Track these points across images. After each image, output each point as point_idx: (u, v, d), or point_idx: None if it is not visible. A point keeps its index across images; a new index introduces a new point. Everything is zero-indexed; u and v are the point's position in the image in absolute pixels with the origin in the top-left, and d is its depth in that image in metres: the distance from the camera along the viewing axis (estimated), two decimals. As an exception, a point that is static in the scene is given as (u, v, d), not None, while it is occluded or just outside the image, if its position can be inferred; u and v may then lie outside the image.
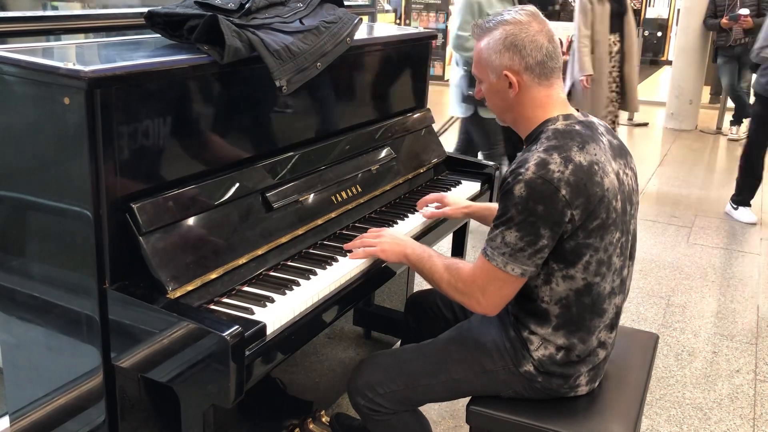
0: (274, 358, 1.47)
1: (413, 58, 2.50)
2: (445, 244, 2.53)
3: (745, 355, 3.07)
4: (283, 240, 1.73)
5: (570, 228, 1.51)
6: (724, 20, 6.89)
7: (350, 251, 1.78)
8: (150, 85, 1.45)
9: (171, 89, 1.51)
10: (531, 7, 1.62)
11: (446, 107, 9.62)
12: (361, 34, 2.06)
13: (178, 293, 1.43)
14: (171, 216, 1.48)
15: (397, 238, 1.80)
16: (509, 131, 3.58)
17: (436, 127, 2.57)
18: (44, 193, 1.46)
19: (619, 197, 1.57)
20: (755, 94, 4.80)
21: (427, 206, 2.12)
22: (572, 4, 10.98)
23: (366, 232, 1.88)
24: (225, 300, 1.53)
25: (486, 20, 1.62)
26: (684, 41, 7.66)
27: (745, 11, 6.66)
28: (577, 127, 1.57)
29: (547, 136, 1.55)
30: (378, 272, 1.82)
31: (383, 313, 2.70)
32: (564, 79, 4.63)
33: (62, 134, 1.38)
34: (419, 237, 2.04)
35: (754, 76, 7.29)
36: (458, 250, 2.54)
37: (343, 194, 1.97)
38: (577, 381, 1.68)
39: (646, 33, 7.95)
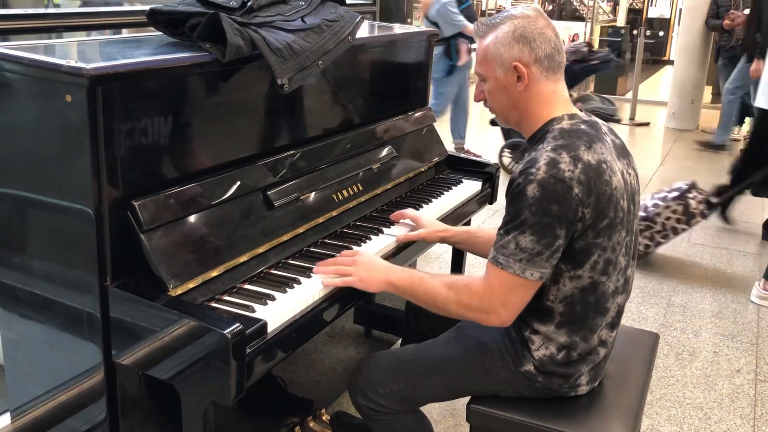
0: (274, 356, 1.47)
1: (415, 56, 2.50)
2: (445, 246, 2.52)
3: (745, 355, 3.07)
4: (284, 238, 1.74)
5: (581, 227, 1.50)
6: (726, 21, 6.88)
7: (321, 273, 1.67)
8: (152, 83, 1.45)
9: (173, 87, 1.51)
10: (535, 5, 1.63)
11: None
12: (362, 32, 2.06)
13: (179, 291, 1.44)
14: (172, 213, 1.48)
15: (373, 263, 1.68)
16: None
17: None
18: (46, 190, 1.46)
19: (625, 196, 1.57)
20: None
21: (403, 226, 2.02)
22: (573, 3, 10.99)
23: (368, 231, 1.87)
24: (226, 298, 1.53)
25: (491, 18, 1.63)
26: (686, 41, 7.66)
27: (747, 12, 6.66)
28: (583, 127, 1.57)
29: (553, 135, 1.55)
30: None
31: (383, 312, 2.71)
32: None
33: (64, 131, 1.38)
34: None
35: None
36: (458, 254, 2.53)
37: (344, 193, 1.97)
38: (577, 381, 1.68)
39: (648, 32, 7.98)
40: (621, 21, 11.16)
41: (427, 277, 1.65)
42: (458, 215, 2.28)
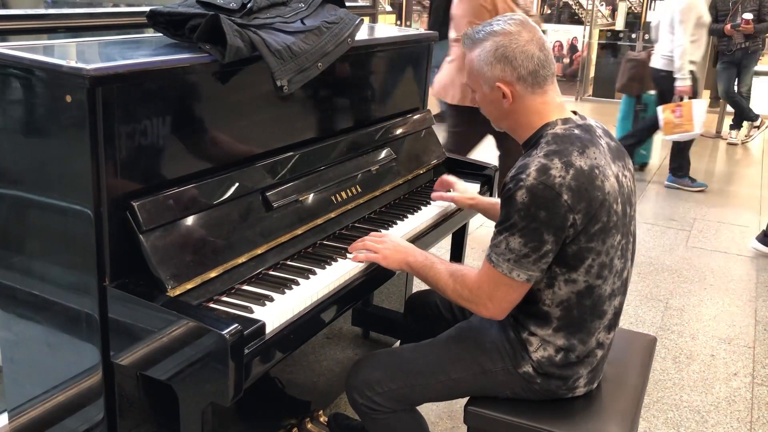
0: (272, 357, 1.47)
1: (414, 59, 2.50)
2: (445, 244, 2.53)
3: (742, 358, 3.08)
4: (283, 239, 1.74)
5: (572, 232, 1.51)
6: (727, 27, 6.89)
7: (352, 253, 1.79)
8: (151, 84, 1.45)
9: (172, 88, 1.51)
10: (520, 16, 1.62)
11: (446, 109, 9.46)
12: (362, 34, 2.06)
13: (177, 291, 1.44)
14: (171, 214, 1.49)
15: (399, 245, 1.79)
16: None
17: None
18: (45, 190, 1.46)
19: (619, 200, 1.57)
20: None
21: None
22: (573, 7, 11.01)
23: (367, 233, 1.88)
24: (224, 298, 1.53)
25: (475, 30, 1.62)
26: (684, 45, 7.65)
27: (748, 16, 6.67)
28: (577, 131, 1.58)
29: (546, 140, 1.56)
30: (377, 273, 1.82)
31: (382, 314, 2.71)
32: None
33: (63, 132, 1.38)
34: (419, 237, 2.05)
35: (754, 80, 7.34)
36: (457, 250, 2.55)
37: (343, 194, 1.97)
38: (575, 383, 1.68)
39: (647, 36, 8.06)
40: (620, 25, 11.17)
41: (438, 263, 1.72)
42: (457, 216, 2.29)
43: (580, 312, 1.61)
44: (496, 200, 2.13)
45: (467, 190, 2.21)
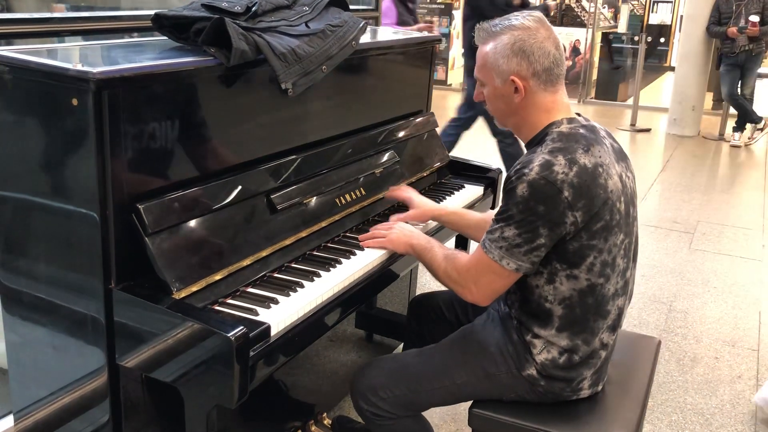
0: (277, 360, 1.47)
1: (417, 62, 2.51)
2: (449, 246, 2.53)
3: (746, 361, 3.07)
4: (287, 242, 1.74)
5: (573, 230, 1.52)
6: (733, 29, 6.90)
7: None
8: (157, 87, 1.46)
9: (178, 91, 1.52)
10: (537, 13, 1.63)
11: (450, 111, 9.55)
12: (365, 38, 2.07)
13: (183, 294, 1.44)
14: (177, 217, 1.49)
15: (405, 228, 1.87)
16: None
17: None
18: (51, 193, 1.47)
19: (622, 199, 1.58)
20: None
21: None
22: (575, 9, 11.02)
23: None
24: (229, 301, 1.53)
25: (492, 24, 1.64)
26: (687, 47, 7.68)
27: (755, 18, 6.67)
28: (582, 131, 1.59)
29: (552, 138, 1.57)
30: (381, 275, 1.83)
31: (385, 317, 2.71)
32: None
33: (69, 135, 1.39)
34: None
35: (757, 82, 7.33)
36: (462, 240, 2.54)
37: (347, 197, 1.98)
38: (579, 384, 1.69)
39: (649, 39, 8.07)
40: (622, 27, 11.17)
41: (437, 247, 1.77)
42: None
43: (583, 311, 1.61)
44: (463, 211, 2.09)
45: (425, 203, 2.07)
